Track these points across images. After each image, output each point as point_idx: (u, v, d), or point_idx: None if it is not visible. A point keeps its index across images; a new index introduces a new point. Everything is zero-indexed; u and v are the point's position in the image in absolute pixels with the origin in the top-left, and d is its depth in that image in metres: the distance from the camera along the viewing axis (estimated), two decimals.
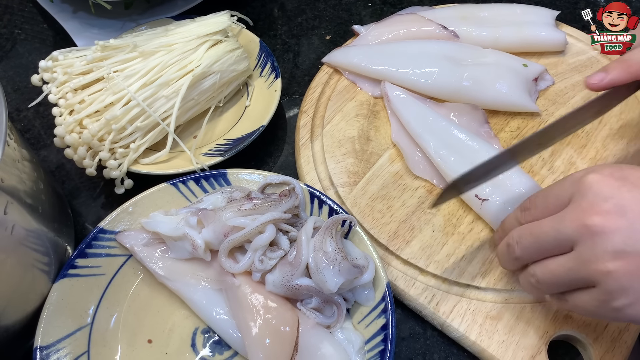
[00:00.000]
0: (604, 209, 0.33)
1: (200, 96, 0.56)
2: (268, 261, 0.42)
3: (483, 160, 0.42)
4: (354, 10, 0.74)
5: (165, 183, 0.49)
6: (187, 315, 0.46)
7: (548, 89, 0.61)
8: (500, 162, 0.43)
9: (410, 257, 0.49)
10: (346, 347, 0.42)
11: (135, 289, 0.47)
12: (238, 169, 0.51)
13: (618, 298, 0.33)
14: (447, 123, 0.54)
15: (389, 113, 0.59)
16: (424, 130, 0.54)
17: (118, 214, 0.48)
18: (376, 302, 0.44)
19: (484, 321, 0.46)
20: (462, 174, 0.42)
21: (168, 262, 0.46)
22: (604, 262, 0.33)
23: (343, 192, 0.53)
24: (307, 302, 0.44)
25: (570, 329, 0.45)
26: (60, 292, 0.44)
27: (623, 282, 0.33)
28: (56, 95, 0.52)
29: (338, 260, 0.42)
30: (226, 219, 0.43)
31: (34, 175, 0.45)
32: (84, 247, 0.46)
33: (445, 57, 0.59)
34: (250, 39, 0.64)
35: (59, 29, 0.69)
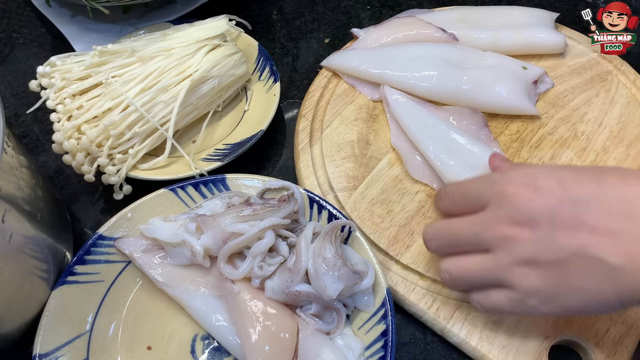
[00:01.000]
0: (519, 221, 0.37)
1: (198, 101, 0.56)
2: (267, 267, 0.42)
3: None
4: (352, 13, 0.74)
5: (164, 189, 0.49)
6: (186, 322, 0.46)
7: (548, 92, 0.61)
8: None
9: (410, 262, 0.49)
10: (346, 354, 0.42)
11: (134, 295, 0.47)
12: (237, 174, 0.50)
13: (531, 298, 0.38)
14: (447, 127, 0.54)
15: (388, 117, 0.58)
16: (423, 134, 0.54)
17: (117, 220, 0.47)
18: (376, 307, 0.44)
19: (485, 326, 0.46)
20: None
21: (167, 269, 0.46)
22: (520, 268, 0.37)
23: (342, 196, 0.53)
24: (306, 308, 0.43)
25: (571, 334, 0.45)
26: (59, 300, 0.44)
27: (536, 285, 0.37)
28: (54, 101, 0.52)
29: (338, 266, 0.41)
30: (225, 225, 0.43)
31: (32, 182, 0.45)
32: (83, 254, 0.45)
33: (444, 60, 0.59)
34: (248, 43, 0.64)
35: (57, 34, 0.69)
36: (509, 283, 0.38)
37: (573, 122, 0.58)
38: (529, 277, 0.37)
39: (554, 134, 0.57)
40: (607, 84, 0.61)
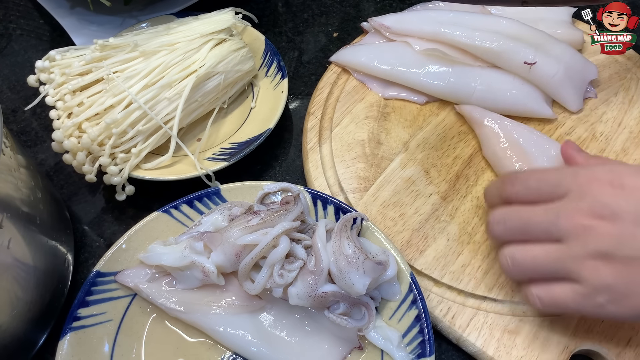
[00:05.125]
0: (601, 214, 0.36)
1: (204, 98, 0.54)
2: (288, 274, 0.40)
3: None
4: (361, 6, 0.72)
5: (156, 212, 0.46)
6: (209, 346, 0.43)
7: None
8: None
9: (424, 268, 0.47)
10: (385, 345, 0.41)
11: (148, 329, 0.43)
12: (232, 184, 0.48)
13: (601, 294, 0.36)
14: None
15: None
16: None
17: (112, 253, 0.44)
18: (403, 295, 0.43)
19: (502, 335, 0.44)
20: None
21: (179, 295, 0.43)
22: (594, 260, 0.36)
23: (353, 198, 0.51)
24: (334, 308, 0.41)
25: (592, 344, 0.43)
26: (69, 350, 0.40)
27: (609, 280, 0.36)
28: (54, 98, 0.50)
29: (361, 260, 0.40)
30: (235, 238, 0.40)
31: (31, 184, 0.43)
32: (84, 295, 0.42)
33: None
34: (255, 37, 0.62)
35: (56, 25, 0.67)
36: (578, 276, 0.37)
37: (591, 122, 0.56)
38: (602, 271, 0.36)
39: (571, 134, 0.55)
40: (626, 82, 0.59)
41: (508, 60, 0.55)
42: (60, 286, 0.46)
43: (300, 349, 0.42)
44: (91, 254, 0.51)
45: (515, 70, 0.55)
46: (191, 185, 0.50)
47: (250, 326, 0.43)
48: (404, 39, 0.59)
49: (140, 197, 0.52)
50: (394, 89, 0.59)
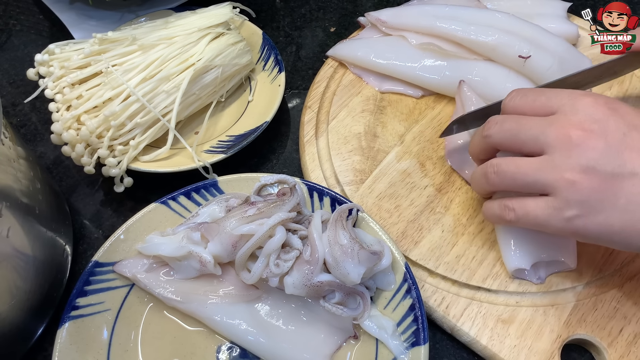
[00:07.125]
0: (590, 128, 0.37)
1: (201, 91, 0.54)
2: (284, 264, 0.40)
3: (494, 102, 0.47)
4: (359, 1, 0.72)
5: (155, 203, 0.46)
6: (206, 335, 0.44)
7: None
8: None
9: (419, 259, 0.48)
10: (379, 334, 0.41)
11: (145, 318, 0.44)
12: (229, 176, 0.48)
13: (572, 208, 0.37)
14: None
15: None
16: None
17: (111, 244, 0.44)
18: (398, 284, 0.43)
19: (495, 325, 0.44)
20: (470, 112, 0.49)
21: (176, 285, 0.43)
22: (573, 172, 0.37)
23: (349, 190, 0.52)
24: (329, 297, 0.42)
25: (584, 333, 0.44)
26: (67, 338, 0.40)
27: (583, 194, 0.37)
28: (53, 90, 0.50)
29: (355, 250, 0.40)
30: (231, 228, 0.41)
31: (31, 175, 0.43)
32: (82, 285, 0.42)
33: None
34: (252, 32, 0.62)
35: (56, 20, 0.67)
36: (553, 189, 0.38)
37: None
38: (578, 185, 0.37)
39: None
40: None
41: (503, 54, 0.56)
42: (59, 276, 0.47)
43: (296, 338, 0.43)
44: (90, 246, 0.52)
45: (510, 63, 0.56)
46: (189, 178, 0.50)
47: (247, 315, 0.43)
48: (400, 33, 0.60)
49: (138, 190, 0.53)
50: (390, 83, 0.59)
